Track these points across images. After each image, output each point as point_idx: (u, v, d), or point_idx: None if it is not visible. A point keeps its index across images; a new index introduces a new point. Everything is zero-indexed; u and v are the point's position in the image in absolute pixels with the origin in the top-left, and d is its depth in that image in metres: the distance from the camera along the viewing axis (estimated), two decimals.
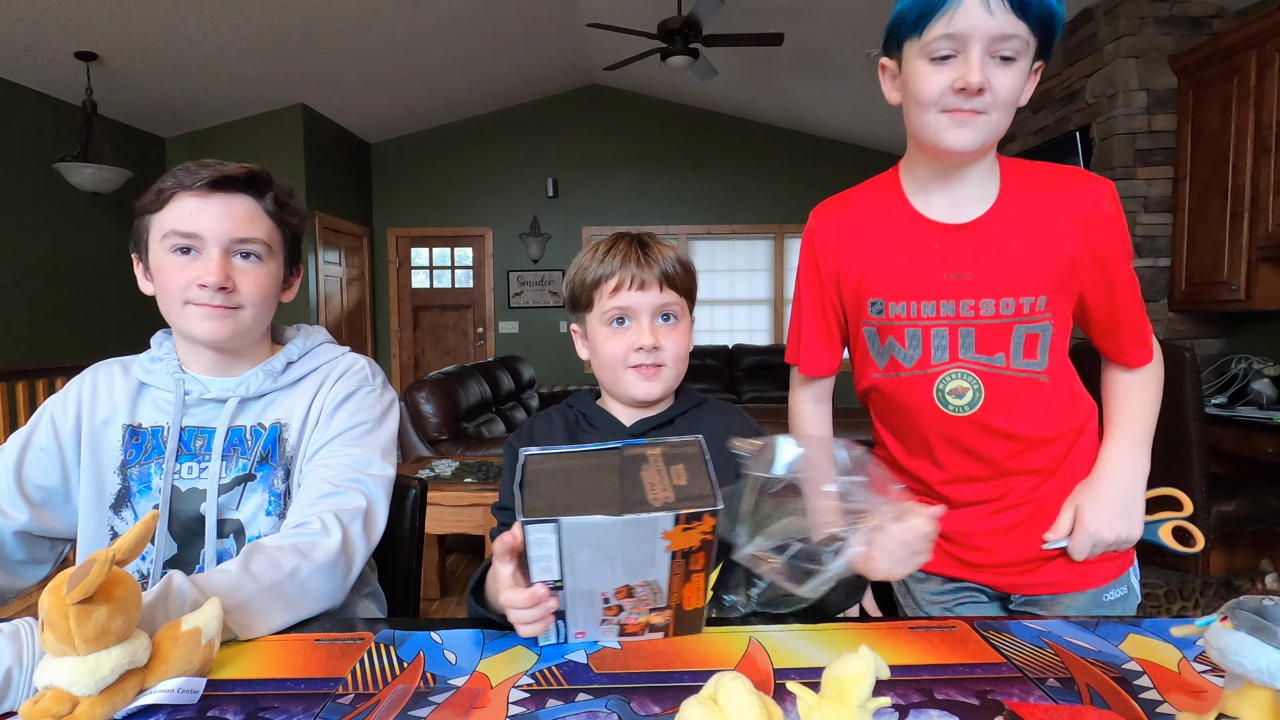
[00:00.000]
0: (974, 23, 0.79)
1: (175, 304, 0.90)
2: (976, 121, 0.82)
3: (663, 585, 0.65)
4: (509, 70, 5.45)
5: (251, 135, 5.15)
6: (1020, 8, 0.80)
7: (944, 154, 0.87)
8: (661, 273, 0.88)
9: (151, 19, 3.67)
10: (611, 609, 0.67)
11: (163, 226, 0.89)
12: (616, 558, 0.62)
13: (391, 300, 6.49)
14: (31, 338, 4.05)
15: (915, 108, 0.86)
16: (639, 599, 0.66)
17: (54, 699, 0.55)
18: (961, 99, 0.82)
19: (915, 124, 0.87)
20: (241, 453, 0.93)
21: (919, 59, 0.84)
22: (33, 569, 0.94)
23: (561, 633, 0.69)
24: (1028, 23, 0.80)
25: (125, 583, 0.58)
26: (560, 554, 0.62)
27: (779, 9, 4.13)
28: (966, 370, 0.92)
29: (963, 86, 0.80)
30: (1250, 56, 2.83)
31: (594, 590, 0.65)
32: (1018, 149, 4.12)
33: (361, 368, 1.01)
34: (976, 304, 0.90)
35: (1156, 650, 0.68)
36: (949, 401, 0.93)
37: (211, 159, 0.91)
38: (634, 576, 0.64)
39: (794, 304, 1.06)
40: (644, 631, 0.69)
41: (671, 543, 0.61)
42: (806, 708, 0.50)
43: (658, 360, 0.88)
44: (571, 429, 0.95)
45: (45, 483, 0.93)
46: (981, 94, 0.81)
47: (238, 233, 0.89)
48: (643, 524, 0.59)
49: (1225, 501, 2.29)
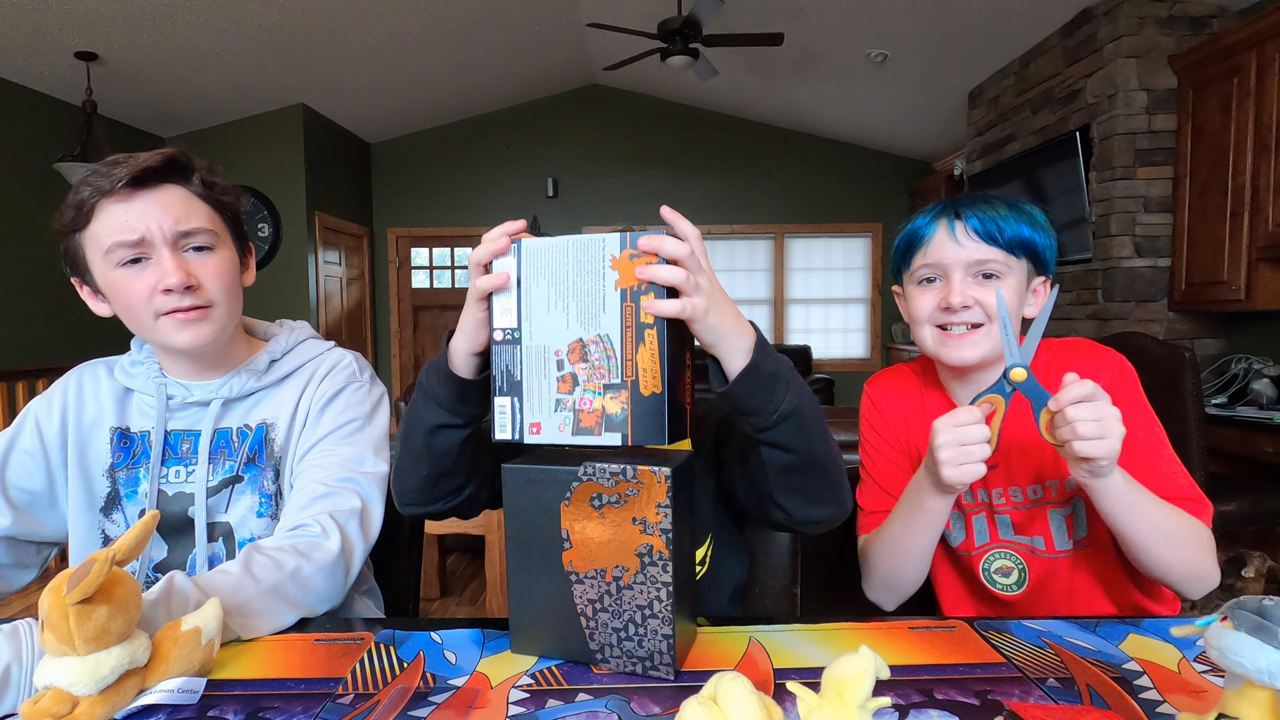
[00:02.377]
0: (947, 254, 0.89)
1: (145, 319, 0.85)
2: (972, 337, 0.89)
3: (615, 342, 0.63)
4: (509, 70, 5.45)
5: (251, 135, 5.15)
6: (988, 237, 0.87)
7: (950, 368, 0.94)
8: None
9: (151, 19, 3.67)
10: (566, 381, 0.64)
11: (100, 242, 0.82)
12: (569, 295, 0.63)
13: (392, 300, 6.50)
14: (31, 338, 4.05)
15: (914, 325, 0.94)
16: (593, 364, 0.63)
17: (54, 699, 0.55)
18: (948, 315, 0.89)
19: (919, 341, 0.94)
20: (229, 454, 0.92)
21: (910, 284, 0.94)
22: (18, 573, 0.93)
23: (517, 423, 0.66)
24: (1001, 249, 0.87)
25: (125, 583, 0.58)
26: (519, 286, 0.64)
27: (779, 9, 4.13)
28: (1010, 551, 0.95)
29: (946, 306, 0.89)
30: (1250, 56, 2.82)
31: (548, 346, 0.64)
32: (1018, 149, 4.12)
33: (349, 364, 0.99)
34: (1005, 491, 0.94)
35: (1156, 650, 0.67)
36: (996, 580, 0.95)
37: (114, 156, 0.83)
38: (587, 327, 0.63)
39: (864, 467, 1.05)
40: (601, 430, 0.64)
41: (620, 275, 0.62)
42: (806, 708, 0.50)
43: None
44: None
45: (30, 486, 0.91)
46: (969, 309, 0.88)
47: (178, 225, 0.83)
48: (591, 245, 0.62)
49: (1225, 501, 2.28)
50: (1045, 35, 3.86)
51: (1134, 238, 3.30)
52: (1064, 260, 3.67)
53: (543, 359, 0.65)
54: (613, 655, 0.65)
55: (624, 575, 0.64)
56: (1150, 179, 3.27)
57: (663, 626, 0.63)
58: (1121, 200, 3.29)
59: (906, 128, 5.81)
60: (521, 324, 0.65)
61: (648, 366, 0.62)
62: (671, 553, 0.62)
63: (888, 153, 6.47)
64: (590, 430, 0.64)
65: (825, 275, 6.63)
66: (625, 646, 0.64)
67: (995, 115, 4.43)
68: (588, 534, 0.64)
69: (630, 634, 0.64)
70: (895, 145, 6.31)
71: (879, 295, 6.62)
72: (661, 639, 0.63)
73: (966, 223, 0.88)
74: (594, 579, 0.64)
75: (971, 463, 0.76)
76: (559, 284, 0.63)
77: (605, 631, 0.65)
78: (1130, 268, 3.31)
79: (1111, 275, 3.34)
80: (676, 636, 0.63)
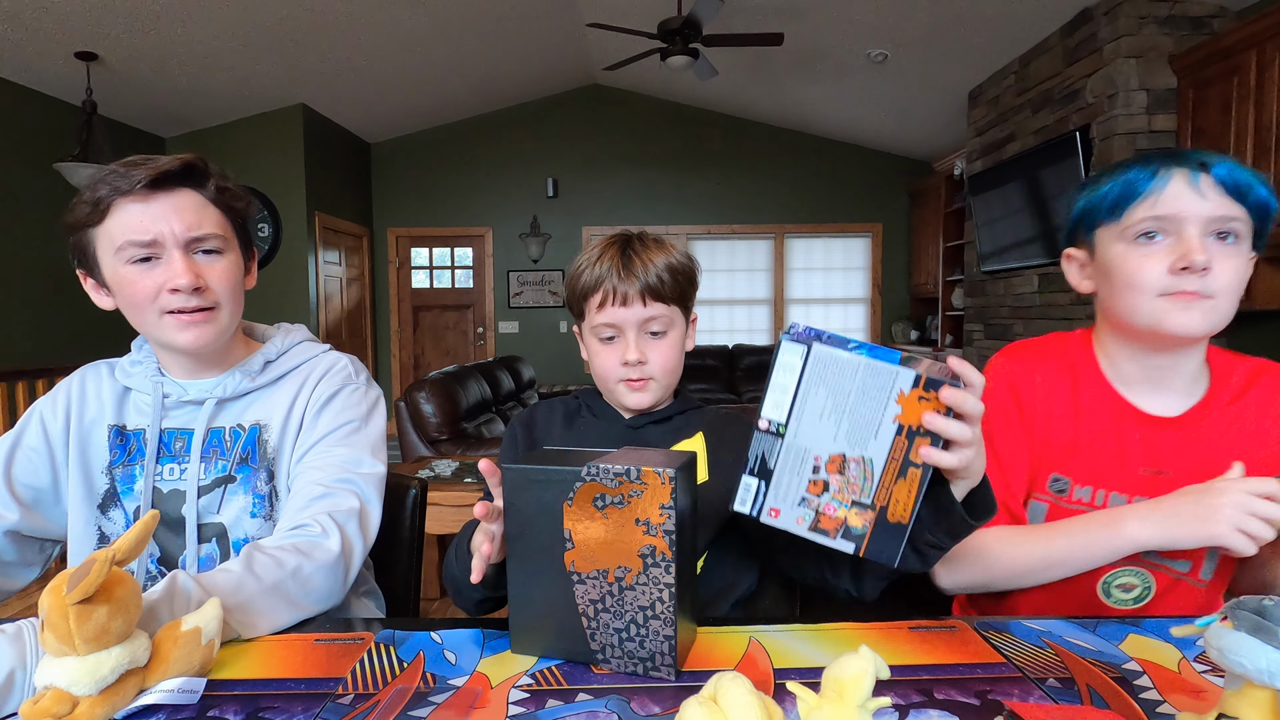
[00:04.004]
0: (1185, 205, 0.76)
1: (150, 316, 0.86)
2: (1202, 305, 0.77)
3: (876, 468, 0.63)
4: (509, 70, 5.45)
5: (251, 135, 5.16)
6: (1235, 192, 0.76)
7: (1165, 340, 0.81)
8: (644, 286, 0.85)
9: (152, 19, 3.67)
10: (817, 485, 0.65)
11: (113, 239, 0.84)
12: (845, 411, 0.62)
13: (391, 300, 6.50)
14: (30, 338, 4.05)
15: (1128, 293, 0.80)
16: (849, 479, 0.64)
17: (54, 699, 0.55)
18: (1184, 279, 0.76)
19: (1127, 310, 0.81)
20: (221, 454, 0.93)
21: (1121, 243, 0.80)
22: (22, 570, 0.94)
23: (759, 503, 0.67)
24: (1245, 206, 0.76)
25: (125, 583, 0.58)
26: (798, 387, 0.63)
27: (779, 9, 4.13)
28: (1143, 570, 0.85)
29: (1186, 265, 0.75)
30: (1250, 56, 2.83)
31: (809, 450, 0.64)
32: (1018, 149, 4.12)
33: (344, 366, 1.00)
34: None
35: (1156, 650, 0.67)
36: (1113, 594, 0.86)
37: (134, 156, 0.86)
38: (854, 446, 0.63)
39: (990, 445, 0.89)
40: (836, 535, 0.65)
41: (903, 411, 0.61)
42: (806, 708, 0.50)
43: (644, 374, 0.88)
44: (570, 416, 0.97)
45: (35, 483, 0.93)
46: (1206, 273, 0.76)
47: (191, 230, 0.85)
48: (882, 373, 0.61)
49: None
50: (1045, 35, 3.86)
51: None
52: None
53: (801, 458, 0.65)
54: (614, 656, 0.65)
55: (626, 576, 0.64)
56: None
57: (664, 628, 0.63)
58: None
59: (906, 127, 5.82)
60: (790, 421, 0.64)
61: (901, 499, 0.63)
62: (674, 554, 0.62)
63: (887, 152, 6.47)
64: (826, 532, 0.66)
65: (825, 275, 6.63)
66: (627, 647, 0.64)
67: (995, 115, 4.43)
68: (590, 534, 0.64)
69: (632, 635, 0.64)
70: (895, 145, 6.31)
71: (879, 295, 6.63)
72: (663, 640, 0.63)
73: (1213, 172, 0.76)
74: (596, 579, 0.65)
75: (1255, 536, 0.70)
76: (838, 398, 0.63)
77: (607, 632, 0.65)
78: None
79: None
80: (678, 637, 0.63)
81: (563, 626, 0.66)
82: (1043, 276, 3.92)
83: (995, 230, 4.38)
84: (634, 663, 0.64)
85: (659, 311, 0.87)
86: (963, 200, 5.12)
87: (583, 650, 0.66)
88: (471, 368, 3.90)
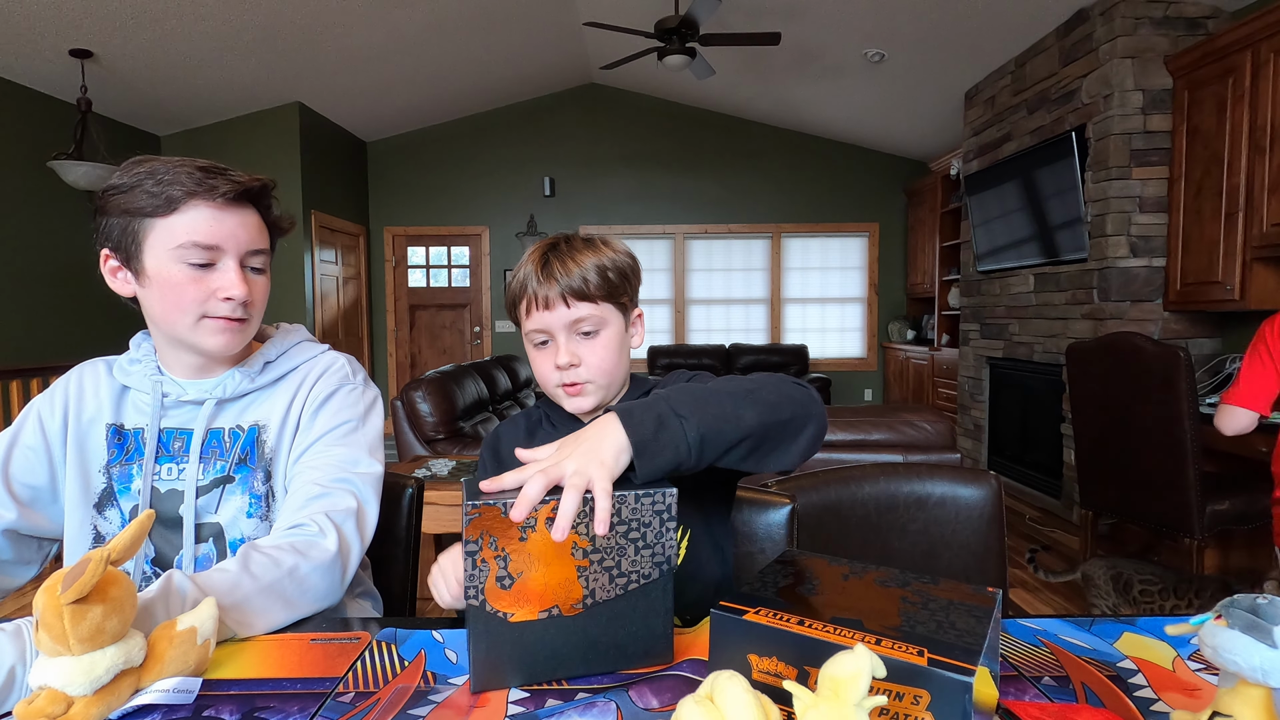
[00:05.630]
0: None
1: (188, 317, 0.87)
2: None
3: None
4: (506, 69, 5.45)
5: (247, 133, 5.14)
6: None
7: None
8: (565, 288, 0.84)
9: (147, 16, 3.66)
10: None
11: (175, 235, 0.85)
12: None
13: (388, 299, 6.49)
14: (25, 336, 4.04)
15: None
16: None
17: (48, 699, 0.55)
18: None
19: None
20: (220, 454, 0.93)
21: None
22: (20, 569, 0.94)
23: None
24: None
25: (120, 582, 0.58)
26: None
27: (776, 8, 4.13)
28: None
29: None
30: (1245, 57, 2.84)
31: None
32: (1014, 149, 4.13)
33: (341, 366, 1.00)
34: None
35: (1151, 648, 0.68)
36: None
37: (209, 162, 0.88)
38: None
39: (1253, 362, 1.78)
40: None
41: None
42: (803, 706, 0.51)
43: (578, 378, 0.87)
44: (532, 428, 0.98)
45: (33, 481, 0.92)
46: None
47: (251, 245, 0.89)
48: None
49: (1219, 500, 2.30)
50: (1041, 35, 3.87)
51: (1129, 238, 3.31)
52: (1060, 260, 3.68)
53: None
54: (594, 661, 0.64)
55: (574, 594, 0.62)
56: (1145, 179, 3.28)
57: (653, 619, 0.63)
58: (1117, 200, 3.30)
59: (903, 127, 5.82)
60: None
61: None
62: (616, 559, 0.62)
63: (884, 152, 6.48)
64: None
65: (822, 274, 6.64)
66: (602, 653, 0.64)
67: (991, 115, 4.44)
68: (524, 564, 0.60)
69: (609, 642, 0.64)
70: (892, 145, 6.32)
71: (875, 294, 6.64)
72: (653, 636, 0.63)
73: None
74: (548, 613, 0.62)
75: None
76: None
77: (573, 646, 0.63)
78: (1125, 268, 3.32)
79: (1107, 275, 3.35)
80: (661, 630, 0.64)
81: (521, 660, 0.62)
82: (1038, 276, 3.93)
83: (991, 230, 4.39)
84: (625, 659, 0.64)
85: (586, 312, 0.85)
86: (959, 200, 5.12)
87: (548, 677, 0.63)
88: (468, 367, 3.89)
